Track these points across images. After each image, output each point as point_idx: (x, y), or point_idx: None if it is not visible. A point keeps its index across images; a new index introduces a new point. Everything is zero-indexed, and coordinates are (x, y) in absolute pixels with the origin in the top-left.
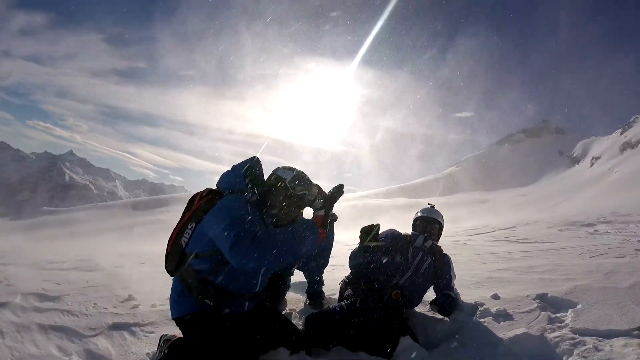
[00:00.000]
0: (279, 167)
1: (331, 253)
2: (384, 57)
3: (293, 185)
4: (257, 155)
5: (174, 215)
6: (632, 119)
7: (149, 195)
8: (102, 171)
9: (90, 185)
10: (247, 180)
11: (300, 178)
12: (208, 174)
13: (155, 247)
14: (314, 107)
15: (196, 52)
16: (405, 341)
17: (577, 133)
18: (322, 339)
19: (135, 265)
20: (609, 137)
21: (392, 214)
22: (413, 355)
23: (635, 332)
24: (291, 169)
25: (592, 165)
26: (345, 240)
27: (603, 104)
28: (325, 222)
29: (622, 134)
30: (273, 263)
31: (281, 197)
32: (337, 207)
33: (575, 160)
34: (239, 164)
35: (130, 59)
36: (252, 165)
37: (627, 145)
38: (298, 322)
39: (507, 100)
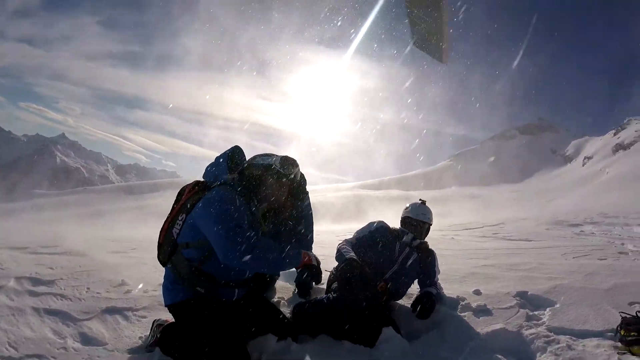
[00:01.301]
0: (256, 156)
1: (317, 239)
2: (382, 48)
3: (282, 167)
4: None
5: (165, 200)
6: (625, 121)
7: (140, 179)
8: (94, 155)
9: (81, 168)
10: (232, 170)
11: (287, 160)
12: (201, 160)
13: (146, 232)
14: (311, 96)
15: (192, 36)
16: (388, 332)
17: (570, 132)
18: (308, 328)
19: (127, 251)
20: (602, 138)
21: (384, 205)
22: (394, 345)
23: (609, 334)
24: (271, 154)
25: (584, 164)
26: (337, 230)
27: (598, 105)
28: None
29: (615, 135)
30: (254, 269)
31: (272, 182)
32: (330, 198)
33: (568, 159)
34: (221, 154)
35: (125, 42)
36: (234, 154)
37: (620, 147)
38: (286, 311)
39: (503, 96)
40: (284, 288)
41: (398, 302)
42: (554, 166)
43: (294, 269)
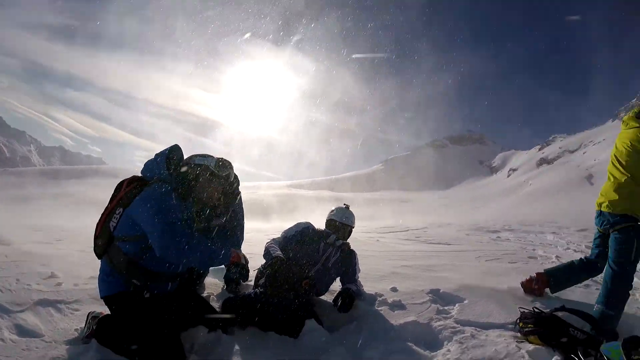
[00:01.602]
0: (193, 156)
1: (245, 238)
2: (324, 51)
3: (217, 168)
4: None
5: (90, 189)
6: (550, 138)
7: (64, 164)
8: (18, 133)
9: (3, 147)
10: (170, 168)
11: (222, 162)
12: (129, 147)
13: (71, 222)
14: (249, 91)
15: (134, 16)
16: (311, 324)
17: (498, 145)
18: (237, 320)
19: (53, 242)
20: (527, 152)
21: (315, 206)
22: (316, 336)
23: (510, 326)
24: (208, 155)
25: (509, 176)
26: (266, 229)
27: (525, 121)
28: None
29: (540, 150)
30: (187, 264)
31: (206, 182)
32: (261, 196)
33: (494, 170)
34: (161, 152)
35: (64, 14)
36: (174, 153)
37: (544, 161)
38: (215, 305)
39: (437, 107)
40: (213, 284)
41: (321, 297)
42: (480, 176)
43: (223, 266)
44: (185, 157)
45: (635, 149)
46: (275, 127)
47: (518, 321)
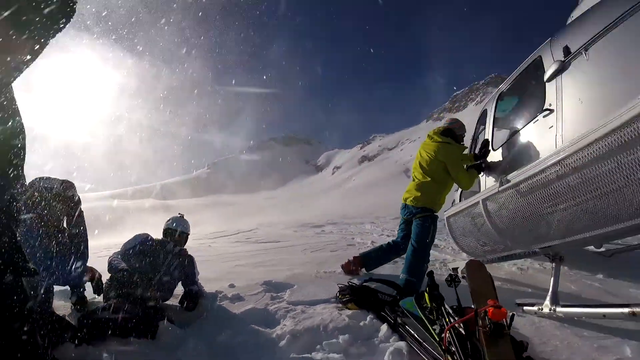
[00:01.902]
0: (38, 179)
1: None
2: (148, 49)
3: (63, 190)
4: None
5: None
6: (371, 137)
7: None
8: None
9: None
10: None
11: (67, 183)
12: None
13: None
14: (62, 89)
15: None
16: (164, 324)
17: (322, 145)
18: (98, 332)
19: None
20: (349, 151)
21: (146, 216)
22: (171, 334)
23: (332, 300)
24: (51, 177)
25: (333, 173)
26: (101, 245)
27: (348, 122)
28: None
29: (361, 148)
30: (46, 285)
31: (53, 203)
32: (84, 210)
33: (319, 169)
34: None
35: None
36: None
37: (365, 159)
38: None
39: (262, 108)
40: (61, 306)
41: (167, 302)
42: (307, 175)
43: (66, 287)
44: (28, 180)
45: (437, 159)
46: (93, 131)
47: (338, 294)
